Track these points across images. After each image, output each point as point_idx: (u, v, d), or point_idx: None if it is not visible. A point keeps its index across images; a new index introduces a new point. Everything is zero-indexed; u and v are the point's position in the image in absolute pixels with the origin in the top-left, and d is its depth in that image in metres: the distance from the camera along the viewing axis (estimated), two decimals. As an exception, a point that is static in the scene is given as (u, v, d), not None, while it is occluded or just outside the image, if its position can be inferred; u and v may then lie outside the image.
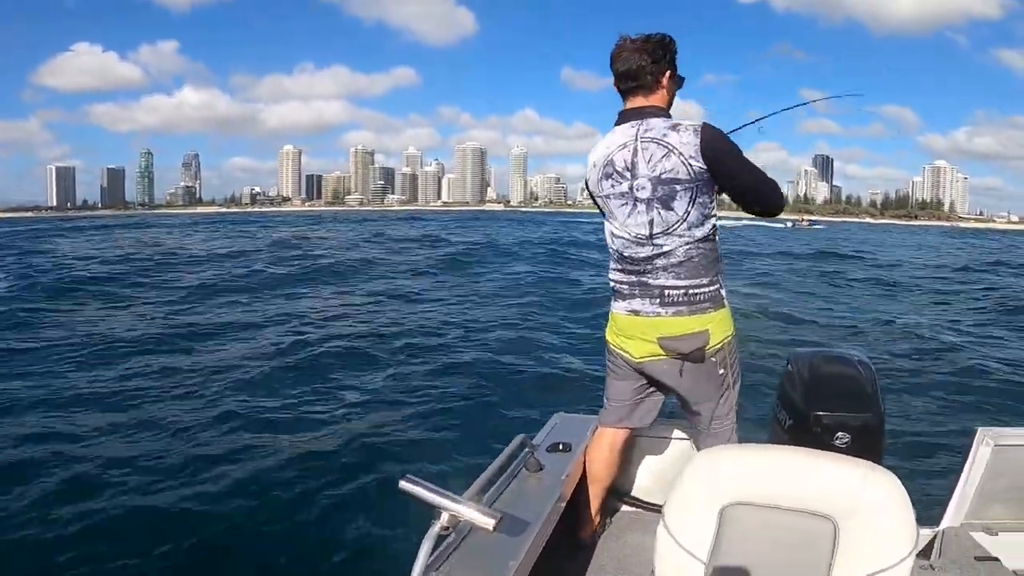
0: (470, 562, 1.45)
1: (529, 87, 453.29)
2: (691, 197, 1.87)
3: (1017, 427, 2.23)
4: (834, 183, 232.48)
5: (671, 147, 1.86)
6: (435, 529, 1.22)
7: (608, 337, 2.12)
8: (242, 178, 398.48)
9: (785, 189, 2.01)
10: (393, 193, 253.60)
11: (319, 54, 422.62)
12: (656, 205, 1.89)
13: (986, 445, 2.14)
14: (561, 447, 2.18)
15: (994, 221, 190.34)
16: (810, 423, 2.10)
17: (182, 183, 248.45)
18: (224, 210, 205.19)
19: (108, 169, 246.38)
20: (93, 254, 23.10)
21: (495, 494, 1.78)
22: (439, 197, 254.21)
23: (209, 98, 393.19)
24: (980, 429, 2.18)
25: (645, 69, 1.94)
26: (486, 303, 12.48)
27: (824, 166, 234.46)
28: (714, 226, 1.95)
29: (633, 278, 1.98)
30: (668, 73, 1.97)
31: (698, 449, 1.83)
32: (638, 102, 1.97)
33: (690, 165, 1.85)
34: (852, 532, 1.30)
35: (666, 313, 1.93)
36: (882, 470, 1.36)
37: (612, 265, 2.06)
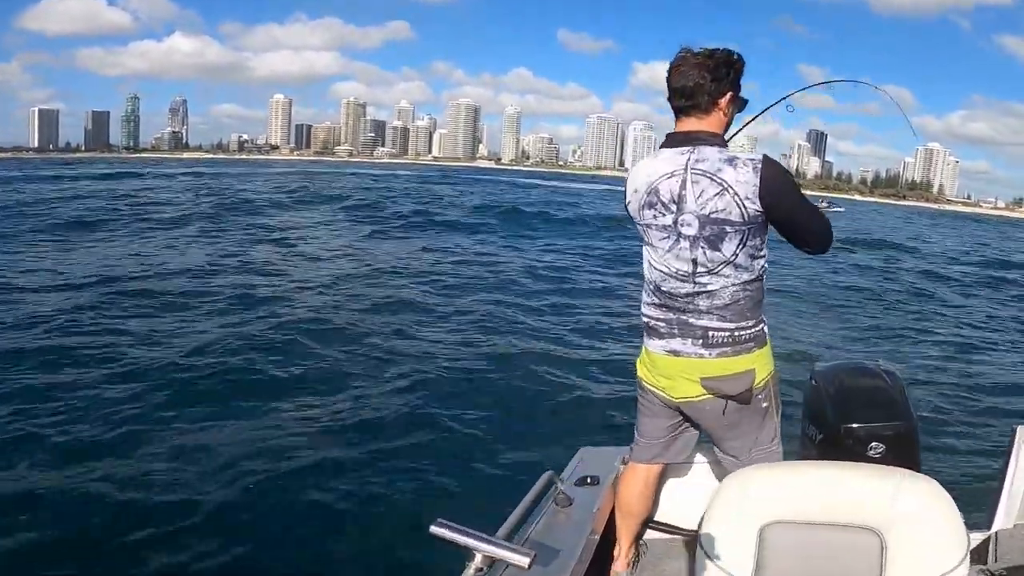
0: None
1: (524, 46, 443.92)
2: (742, 239, 1.75)
3: None
4: (826, 159, 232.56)
5: (726, 185, 1.72)
6: (470, 571, 1.19)
7: (641, 374, 2.01)
8: (230, 125, 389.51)
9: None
10: (383, 146, 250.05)
11: (311, 5, 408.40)
12: (702, 244, 1.77)
13: None
14: (589, 480, 2.15)
15: (980, 206, 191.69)
16: (841, 436, 2.04)
17: (169, 128, 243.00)
18: (210, 156, 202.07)
19: (93, 112, 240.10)
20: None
21: (526, 531, 1.76)
22: (430, 152, 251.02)
23: (199, 45, 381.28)
24: (1019, 427, 2.12)
25: (703, 88, 1.77)
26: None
27: (817, 141, 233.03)
28: (763, 267, 1.82)
29: (672, 315, 1.86)
30: (729, 95, 1.81)
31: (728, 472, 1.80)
32: (690, 124, 1.81)
33: (744, 207, 1.71)
34: (899, 542, 1.27)
35: (710, 355, 1.82)
36: (921, 476, 1.35)
37: (647, 299, 1.93)
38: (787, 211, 1.77)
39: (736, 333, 1.81)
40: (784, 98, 2.44)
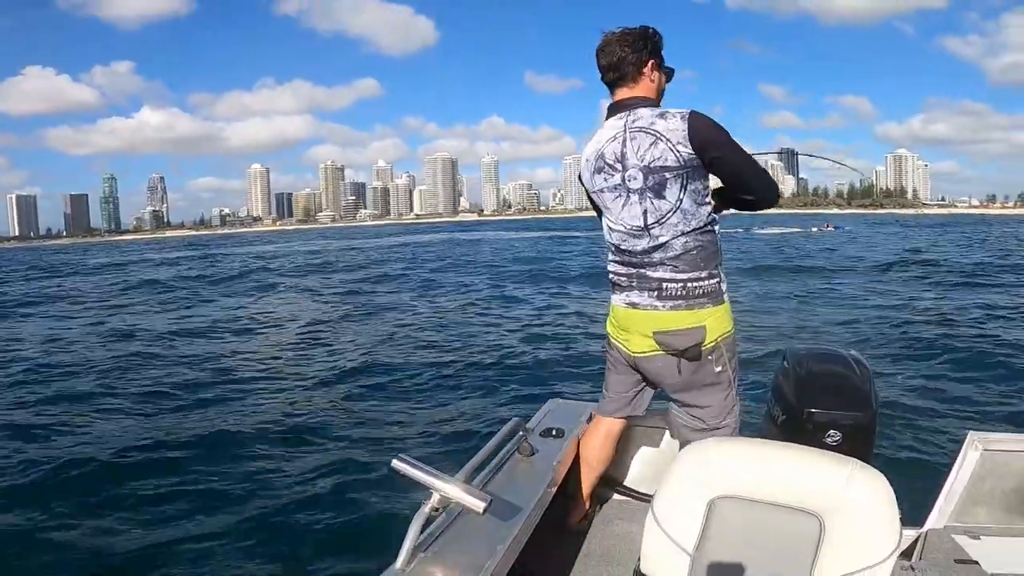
0: (458, 544, 1.44)
1: (493, 94, 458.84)
2: (682, 184, 1.84)
3: (1007, 431, 2.26)
4: (800, 176, 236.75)
5: (659, 135, 1.84)
6: (425, 509, 1.24)
7: (608, 329, 2.11)
8: (209, 199, 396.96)
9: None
10: (365, 208, 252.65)
11: (278, 69, 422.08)
12: (648, 195, 1.87)
13: (975, 449, 2.15)
14: (554, 432, 2.17)
15: (956, 206, 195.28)
16: (803, 419, 2.10)
17: (149, 207, 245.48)
18: (194, 233, 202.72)
19: (71, 196, 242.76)
20: None
21: (487, 477, 1.77)
22: (411, 210, 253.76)
23: (169, 118, 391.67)
24: (970, 433, 2.20)
25: (626, 59, 1.93)
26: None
27: (788, 159, 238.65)
28: (712, 217, 1.91)
29: (632, 270, 1.95)
30: (651, 63, 1.95)
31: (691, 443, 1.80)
32: (624, 93, 1.96)
33: (678, 152, 1.82)
34: (837, 529, 1.31)
35: (663, 307, 1.90)
36: (870, 469, 1.36)
37: (610, 257, 2.03)
38: (719, 153, 1.83)
39: (689, 285, 1.88)
40: (794, 153, 2.81)
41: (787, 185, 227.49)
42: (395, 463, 1.25)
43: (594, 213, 2.09)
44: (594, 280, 15.30)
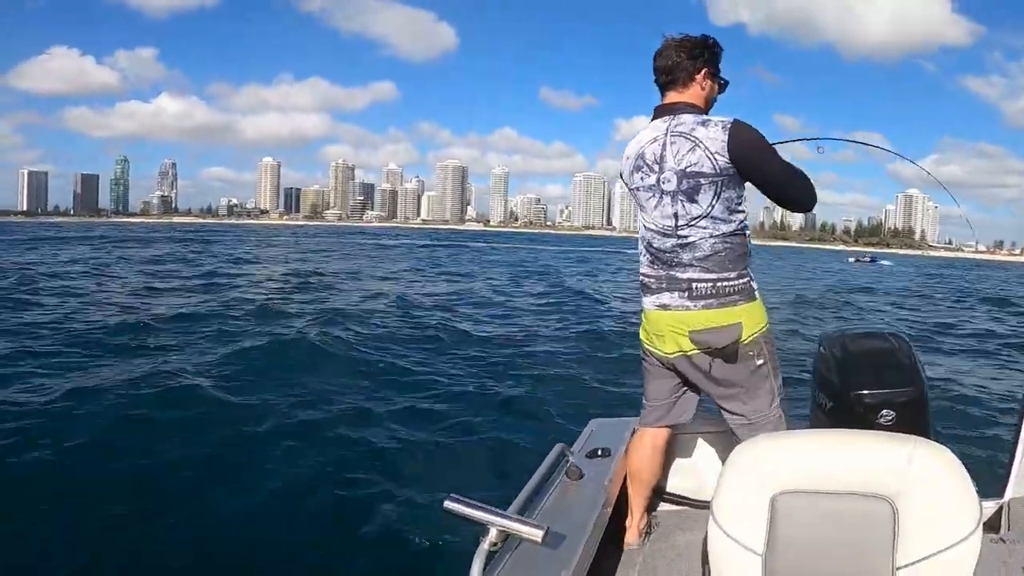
0: (522, 575, 1.44)
1: (509, 105, 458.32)
2: (715, 192, 1.86)
3: None
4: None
5: (698, 141, 1.87)
6: (484, 545, 1.25)
7: (642, 336, 2.11)
8: (219, 188, 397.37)
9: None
10: (372, 209, 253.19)
11: (298, 65, 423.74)
12: (681, 198, 1.90)
13: None
14: (600, 452, 2.18)
15: (962, 250, 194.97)
16: (851, 403, 2.07)
17: (158, 192, 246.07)
18: (200, 220, 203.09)
19: (82, 175, 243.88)
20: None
21: (539, 505, 1.76)
22: (418, 215, 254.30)
23: (187, 106, 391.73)
24: None
25: (680, 65, 1.96)
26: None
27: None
28: (743, 223, 1.93)
29: (661, 272, 1.97)
30: (704, 71, 1.98)
31: (740, 441, 1.71)
32: (672, 97, 1.99)
33: (715, 159, 1.85)
34: (911, 510, 1.26)
35: (695, 307, 1.91)
36: (933, 444, 1.33)
37: (642, 259, 2.06)
38: (757, 164, 1.87)
39: (719, 284, 1.88)
40: (817, 139, 2.72)
41: (796, 219, 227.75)
42: (448, 504, 1.27)
43: (605, 233, 1.89)
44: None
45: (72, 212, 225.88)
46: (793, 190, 1.93)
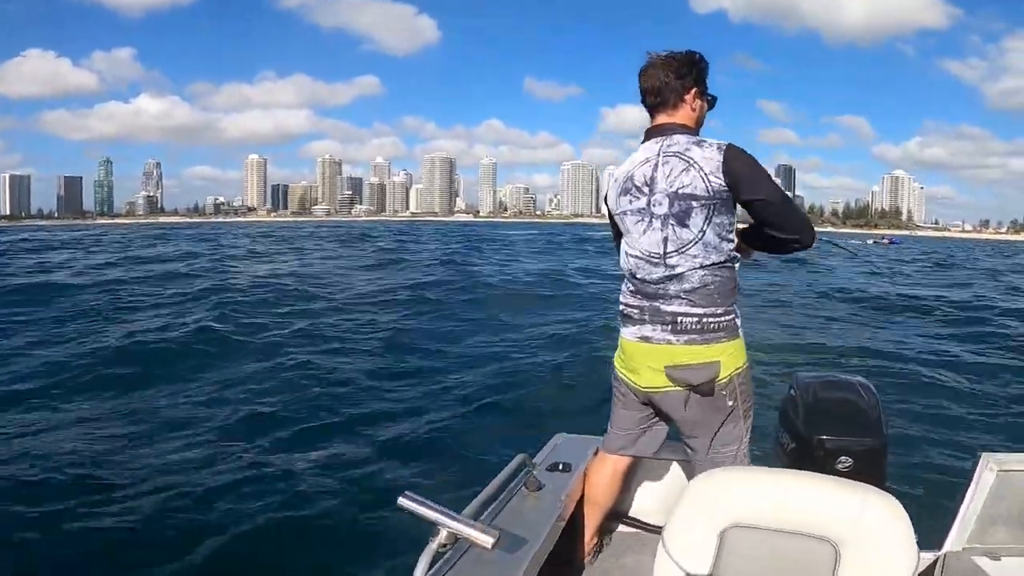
0: None
1: (493, 97, 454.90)
2: (707, 216, 1.81)
3: (1021, 452, 2.24)
4: (796, 193, 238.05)
5: (692, 162, 1.81)
6: (433, 546, 1.24)
7: (616, 363, 2.05)
8: (205, 187, 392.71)
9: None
10: (361, 203, 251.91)
11: (279, 62, 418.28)
12: (671, 222, 1.84)
13: (990, 470, 2.14)
14: (561, 467, 2.17)
15: (949, 230, 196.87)
16: (813, 446, 2.10)
17: (143, 192, 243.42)
18: (187, 220, 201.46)
19: (65, 178, 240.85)
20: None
21: (494, 512, 1.77)
22: (407, 207, 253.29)
23: (168, 106, 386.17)
24: (984, 454, 2.20)
25: (669, 85, 1.90)
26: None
27: (787, 176, 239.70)
28: (733, 254, 1.87)
29: (645, 303, 1.90)
30: (694, 91, 1.92)
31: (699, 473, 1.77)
32: (662, 119, 1.94)
33: (709, 181, 1.79)
34: (853, 556, 1.29)
35: (677, 341, 1.85)
36: (883, 494, 1.35)
37: (624, 287, 1.99)
38: (752, 188, 1.80)
39: (705, 320, 1.83)
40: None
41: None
42: (402, 500, 1.25)
43: (594, 220, 1.95)
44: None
45: (56, 215, 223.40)
46: (791, 222, 1.85)
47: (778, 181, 1.98)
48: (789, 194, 1.93)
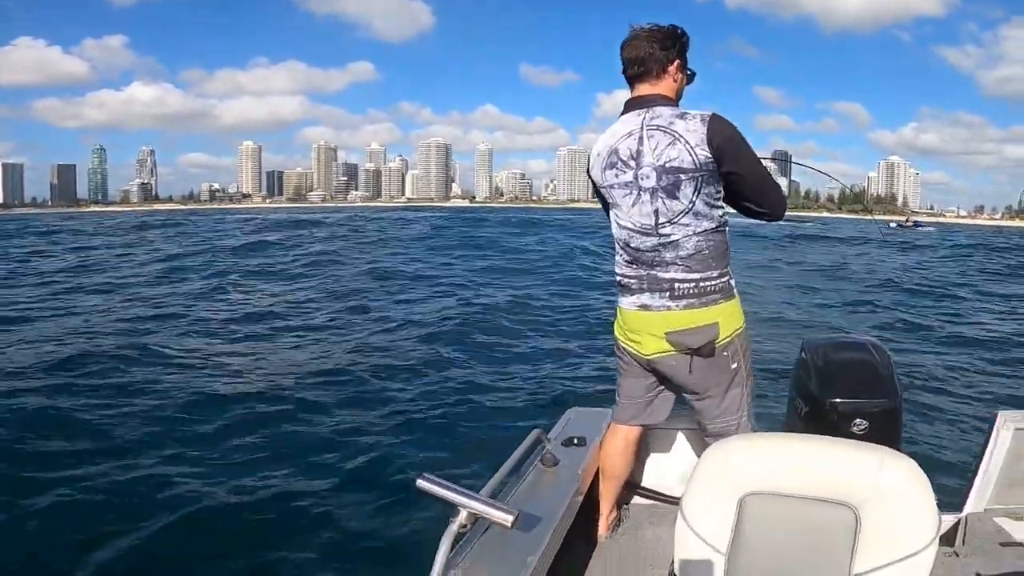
0: (489, 558, 1.45)
1: (489, 83, 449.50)
2: (696, 187, 1.83)
3: None
4: (792, 178, 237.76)
5: (677, 135, 1.82)
6: (453, 527, 1.23)
7: (616, 334, 2.06)
8: (199, 174, 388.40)
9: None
10: (356, 190, 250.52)
11: (272, 49, 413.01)
12: (661, 195, 1.85)
13: (1007, 429, 2.11)
14: (576, 441, 2.17)
15: (944, 216, 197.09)
16: (826, 410, 2.08)
17: (137, 180, 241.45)
18: (183, 207, 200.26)
19: (58, 166, 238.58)
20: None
21: (512, 490, 1.79)
22: (403, 193, 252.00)
23: (160, 93, 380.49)
24: (1000, 413, 2.17)
25: (653, 56, 1.90)
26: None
27: (782, 163, 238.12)
28: (724, 218, 1.91)
29: (642, 271, 1.93)
30: (677, 63, 1.93)
31: (711, 442, 1.77)
32: (644, 90, 1.92)
33: (695, 154, 1.81)
34: (873, 519, 1.28)
35: (676, 307, 1.88)
36: (901, 456, 1.35)
37: (619, 258, 2.01)
38: (735, 159, 1.82)
39: (702, 283, 1.86)
40: (787, 160, 4.18)
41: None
42: (420, 482, 1.24)
43: (589, 205, 2.04)
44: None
45: (50, 203, 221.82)
46: (769, 195, 1.90)
47: (772, 166, 2.09)
48: (782, 181, 2.03)
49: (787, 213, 2.05)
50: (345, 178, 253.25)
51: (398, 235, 32.45)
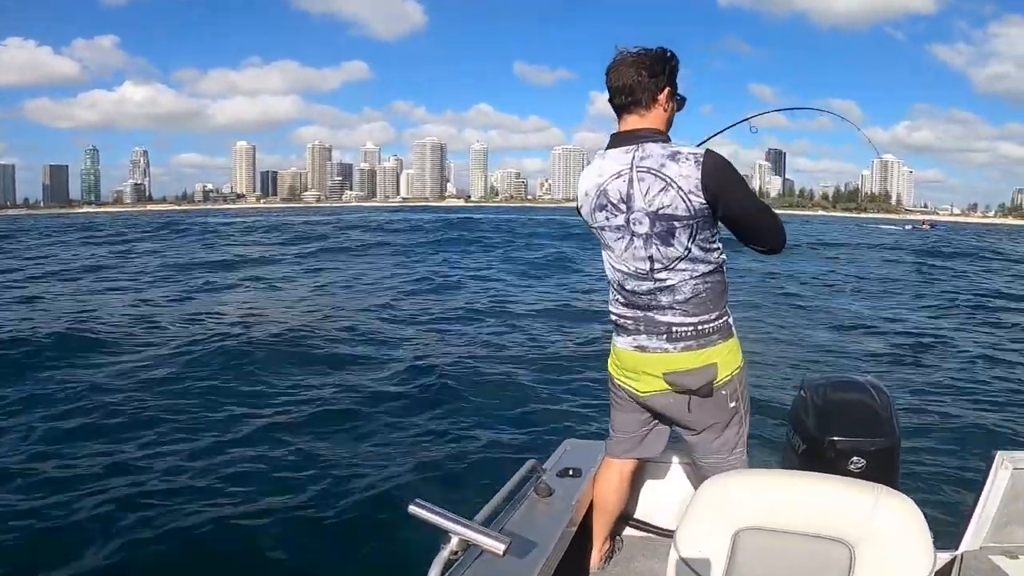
0: None
1: (483, 81, 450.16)
2: (691, 233, 1.77)
3: None
4: (786, 176, 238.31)
5: (669, 180, 1.73)
6: (444, 553, 1.23)
7: (611, 370, 2.03)
8: (193, 175, 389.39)
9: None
10: (351, 189, 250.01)
11: (265, 48, 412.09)
12: (655, 241, 1.79)
13: (1005, 468, 2.13)
14: (571, 472, 2.16)
15: (938, 214, 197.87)
16: (824, 448, 2.08)
17: (130, 180, 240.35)
18: (177, 208, 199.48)
19: (51, 167, 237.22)
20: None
21: (505, 518, 1.77)
22: (398, 193, 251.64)
23: (153, 93, 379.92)
24: (999, 452, 2.19)
25: (642, 84, 1.79)
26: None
27: (777, 160, 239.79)
28: (721, 258, 1.85)
29: (639, 313, 1.88)
30: (667, 91, 1.83)
31: (706, 476, 1.76)
32: (633, 122, 1.83)
33: (689, 200, 1.73)
34: (868, 556, 1.28)
35: (674, 349, 1.84)
36: (897, 493, 1.34)
37: (613, 297, 1.95)
38: (730, 202, 1.75)
39: (700, 327, 1.82)
40: (747, 119, 2.49)
41: (773, 185, 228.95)
42: (412, 508, 1.23)
43: (576, 203, 1.96)
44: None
45: (42, 204, 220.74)
46: (767, 232, 1.85)
47: (761, 160, 2.00)
48: (776, 179, 1.90)
49: (783, 212, 1.98)
50: (340, 178, 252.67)
51: (392, 240, 32.33)
